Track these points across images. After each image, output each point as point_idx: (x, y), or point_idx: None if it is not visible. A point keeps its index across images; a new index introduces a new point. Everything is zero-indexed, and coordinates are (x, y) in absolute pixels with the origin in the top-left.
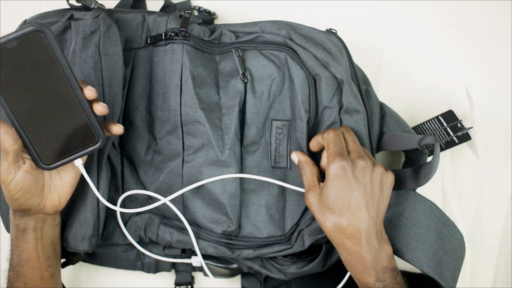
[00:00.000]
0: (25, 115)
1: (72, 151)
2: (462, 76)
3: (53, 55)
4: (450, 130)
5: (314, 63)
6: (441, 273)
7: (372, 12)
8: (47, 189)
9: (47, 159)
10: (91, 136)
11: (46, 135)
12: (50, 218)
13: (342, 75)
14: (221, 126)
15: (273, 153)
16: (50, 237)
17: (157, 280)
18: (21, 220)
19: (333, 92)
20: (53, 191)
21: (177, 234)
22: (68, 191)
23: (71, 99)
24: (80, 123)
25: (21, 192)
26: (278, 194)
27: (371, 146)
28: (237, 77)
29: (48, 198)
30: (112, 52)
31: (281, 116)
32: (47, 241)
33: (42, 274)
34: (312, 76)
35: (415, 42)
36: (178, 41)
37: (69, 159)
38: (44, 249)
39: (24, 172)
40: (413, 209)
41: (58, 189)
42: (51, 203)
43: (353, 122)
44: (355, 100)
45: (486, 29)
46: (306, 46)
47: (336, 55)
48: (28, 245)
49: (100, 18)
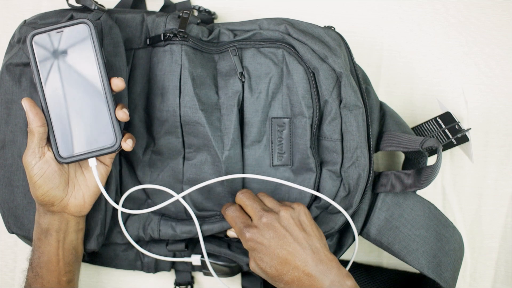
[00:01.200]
0: (54, 103)
1: (89, 150)
2: (462, 76)
3: (92, 50)
4: (448, 132)
5: (312, 56)
6: (441, 274)
7: (372, 12)
8: (71, 185)
9: (64, 153)
10: (110, 137)
11: (68, 128)
12: (74, 221)
13: (340, 68)
14: (220, 127)
15: (275, 152)
16: (72, 242)
17: (156, 280)
18: (44, 217)
19: (332, 85)
20: (77, 189)
21: (180, 226)
22: (93, 192)
23: (99, 98)
24: (102, 123)
25: (43, 179)
26: (281, 192)
27: (369, 143)
28: (235, 77)
29: (72, 195)
30: (115, 53)
31: (281, 114)
32: (69, 245)
33: (60, 278)
34: (310, 70)
35: (415, 42)
36: (176, 42)
37: (85, 157)
38: (65, 254)
39: (49, 158)
40: (412, 210)
41: (82, 187)
42: (75, 201)
43: (352, 117)
44: (354, 94)
45: (486, 29)
46: (304, 39)
47: (334, 48)
48: (49, 248)
49: (101, 20)
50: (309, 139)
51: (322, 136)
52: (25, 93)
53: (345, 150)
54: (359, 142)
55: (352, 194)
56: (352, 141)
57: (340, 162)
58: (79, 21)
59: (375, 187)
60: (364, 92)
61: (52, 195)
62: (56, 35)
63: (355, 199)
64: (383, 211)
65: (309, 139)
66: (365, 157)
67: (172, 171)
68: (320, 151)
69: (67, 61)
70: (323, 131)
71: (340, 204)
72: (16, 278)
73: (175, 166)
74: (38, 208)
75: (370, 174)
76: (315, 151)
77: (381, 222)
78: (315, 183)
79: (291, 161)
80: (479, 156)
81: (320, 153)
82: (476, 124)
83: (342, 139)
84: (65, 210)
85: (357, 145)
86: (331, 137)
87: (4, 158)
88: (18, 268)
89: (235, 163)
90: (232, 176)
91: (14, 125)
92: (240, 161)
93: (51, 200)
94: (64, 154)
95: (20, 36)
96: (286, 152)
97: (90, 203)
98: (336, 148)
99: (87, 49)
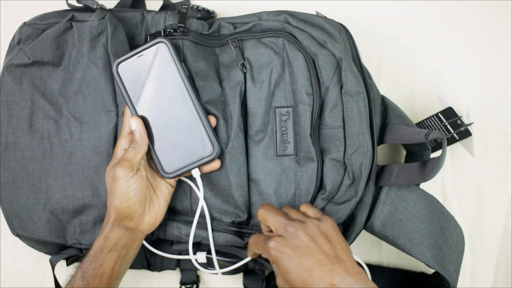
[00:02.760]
0: (149, 123)
1: (189, 162)
2: (462, 76)
3: (174, 66)
4: (450, 127)
5: (311, 42)
6: (445, 267)
7: (373, 12)
8: (147, 203)
9: (168, 168)
10: (207, 146)
11: (167, 144)
12: (140, 239)
13: (340, 52)
14: (226, 118)
15: (279, 141)
16: (130, 258)
17: (161, 279)
18: (116, 232)
19: (333, 71)
20: (152, 207)
21: (185, 228)
22: (163, 211)
23: (189, 110)
24: (197, 134)
25: (135, 192)
26: (287, 183)
27: (371, 129)
28: (236, 68)
29: (147, 213)
30: (121, 52)
31: (284, 103)
32: (126, 261)
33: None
34: (310, 57)
35: (415, 42)
36: (177, 37)
37: (188, 168)
38: (120, 269)
39: (143, 175)
40: (416, 203)
41: (156, 206)
42: (149, 219)
43: (353, 102)
44: (355, 79)
45: (486, 29)
46: (303, 27)
47: (334, 33)
48: (108, 262)
49: (106, 19)
50: (309, 127)
51: (324, 124)
52: (26, 94)
53: (347, 137)
54: (361, 128)
55: (357, 182)
56: (354, 127)
57: (343, 150)
58: (156, 41)
59: (379, 181)
60: (366, 77)
61: (136, 209)
62: (137, 59)
63: (360, 187)
64: (387, 205)
65: (309, 127)
66: (367, 143)
67: None
68: (322, 139)
69: (153, 81)
70: (325, 119)
71: (346, 193)
72: (16, 278)
73: None
74: (112, 222)
75: (373, 159)
76: (316, 139)
77: (385, 216)
78: (317, 173)
79: (296, 151)
80: (480, 156)
81: (322, 142)
82: (476, 124)
83: (344, 126)
84: (138, 227)
85: (359, 131)
86: (333, 124)
87: (7, 160)
88: (18, 268)
89: (239, 153)
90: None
91: (16, 127)
92: (244, 152)
93: (133, 213)
94: (168, 169)
95: (21, 37)
96: (290, 142)
97: (160, 221)
98: (338, 135)
99: (169, 66)
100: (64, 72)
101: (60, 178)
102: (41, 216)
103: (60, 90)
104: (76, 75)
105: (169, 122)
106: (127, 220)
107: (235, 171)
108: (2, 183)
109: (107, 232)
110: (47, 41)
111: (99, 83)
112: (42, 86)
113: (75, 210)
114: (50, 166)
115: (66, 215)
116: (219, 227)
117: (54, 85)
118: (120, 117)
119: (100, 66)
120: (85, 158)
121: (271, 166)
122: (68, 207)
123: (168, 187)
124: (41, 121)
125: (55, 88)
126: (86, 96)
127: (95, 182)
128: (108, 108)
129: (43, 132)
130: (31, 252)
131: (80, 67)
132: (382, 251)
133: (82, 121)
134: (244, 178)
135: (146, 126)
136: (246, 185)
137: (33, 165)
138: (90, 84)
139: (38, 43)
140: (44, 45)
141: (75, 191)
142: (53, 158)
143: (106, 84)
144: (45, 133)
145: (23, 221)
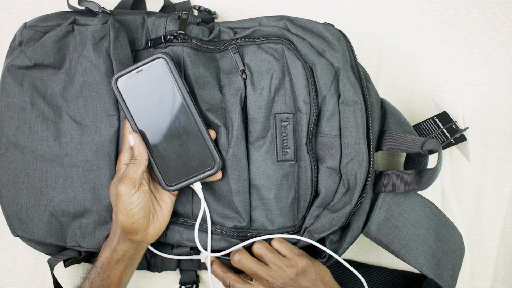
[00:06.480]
0: (149, 137)
1: (190, 175)
2: (462, 77)
3: (173, 81)
4: (447, 132)
5: (310, 50)
6: (440, 273)
7: (372, 12)
8: (151, 215)
9: (169, 181)
10: (208, 160)
11: (169, 158)
12: (144, 248)
13: (338, 62)
14: (226, 125)
15: (280, 147)
16: (135, 266)
17: (161, 279)
18: (123, 245)
19: (330, 80)
20: (156, 219)
21: (186, 232)
22: (167, 219)
23: (190, 124)
24: (198, 148)
25: (139, 208)
26: (287, 187)
27: (368, 139)
28: (236, 74)
29: (152, 225)
30: (123, 57)
31: (285, 109)
32: (132, 270)
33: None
34: (308, 66)
35: (415, 42)
36: (177, 44)
37: (189, 182)
38: (125, 278)
39: (145, 190)
40: (412, 210)
41: (159, 217)
42: (154, 230)
43: (350, 112)
44: (352, 89)
45: (485, 30)
46: (302, 34)
47: (333, 42)
48: (115, 272)
49: (109, 24)
50: (305, 135)
51: (321, 133)
52: (26, 96)
53: (343, 146)
54: (357, 138)
55: (351, 191)
56: (350, 137)
57: (339, 159)
58: (155, 57)
59: (376, 187)
60: (364, 87)
61: (141, 224)
62: (136, 74)
63: (354, 196)
64: (383, 210)
65: (305, 136)
66: (363, 153)
67: None
68: (318, 147)
69: (152, 96)
70: (322, 128)
71: (340, 201)
72: (17, 278)
73: None
74: (118, 235)
75: (369, 170)
76: (311, 148)
77: (381, 221)
78: (312, 181)
79: (295, 156)
80: (478, 156)
81: (319, 150)
82: (475, 124)
83: (341, 135)
84: (144, 239)
85: (355, 141)
86: (329, 133)
87: (8, 161)
88: (18, 268)
89: (240, 160)
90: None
91: (16, 128)
92: (244, 158)
93: (138, 228)
94: (170, 182)
95: (22, 40)
96: (290, 148)
97: (163, 230)
98: (335, 144)
99: (168, 81)
100: (65, 75)
101: (60, 180)
102: (42, 217)
103: (61, 92)
104: (77, 78)
105: (170, 137)
106: (133, 234)
107: (236, 177)
108: (2, 184)
109: (114, 245)
110: (48, 44)
111: (101, 87)
112: (43, 89)
113: (75, 213)
114: (50, 168)
115: (66, 217)
116: (221, 232)
117: (55, 88)
118: (121, 121)
119: (102, 71)
120: (87, 162)
121: (272, 171)
122: (69, 209)
123: (171, 196)
124: (41, 123)
125: (56, 91)
126: (87, 99)
127: (96, 186)
128: (109, 112)
129: (43, 134)
130: (31, 252)
131: (82, 71)
132: (381, 251)
133: (82, 125)
134: (245, 184)
135: (147, 140)
136: (247, 191)
137: (34, 167)
138: (92, 88)
139: (40, 46)
140: (45, 48)
141: (76, 194)
142: (54, 160)
143: (107, 88)
144: (45, 135)
145: (23, 222)
